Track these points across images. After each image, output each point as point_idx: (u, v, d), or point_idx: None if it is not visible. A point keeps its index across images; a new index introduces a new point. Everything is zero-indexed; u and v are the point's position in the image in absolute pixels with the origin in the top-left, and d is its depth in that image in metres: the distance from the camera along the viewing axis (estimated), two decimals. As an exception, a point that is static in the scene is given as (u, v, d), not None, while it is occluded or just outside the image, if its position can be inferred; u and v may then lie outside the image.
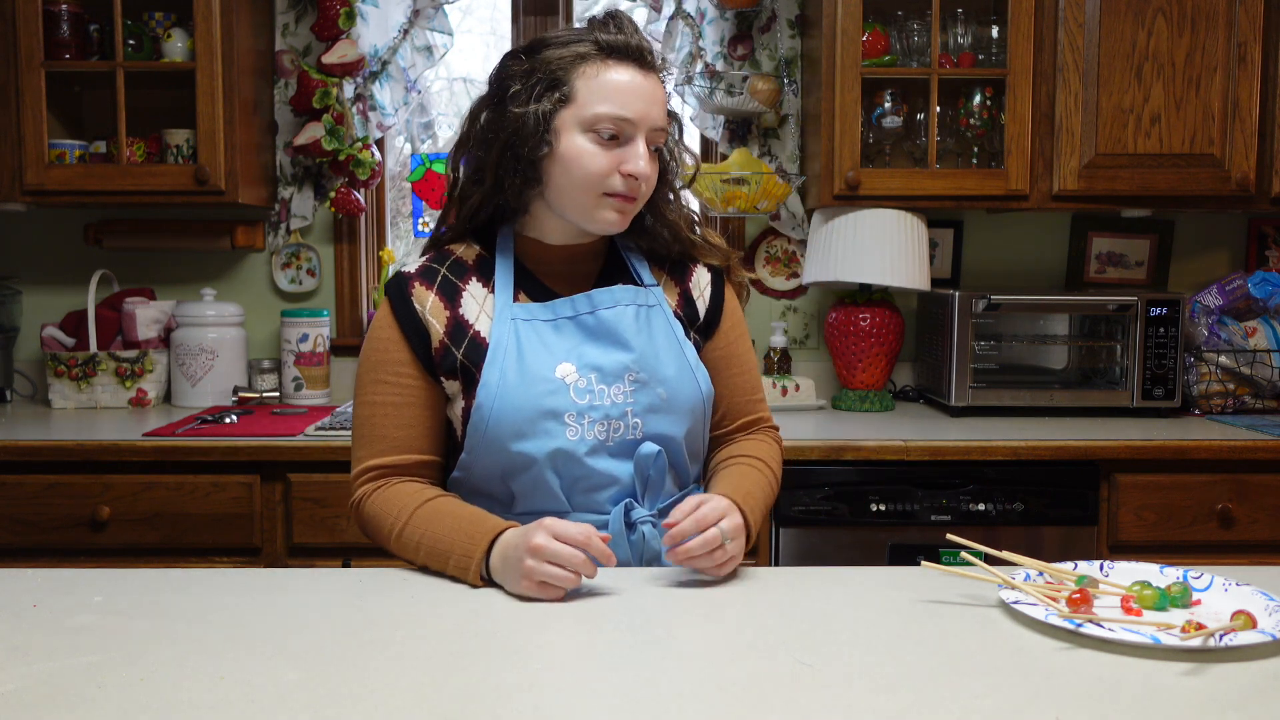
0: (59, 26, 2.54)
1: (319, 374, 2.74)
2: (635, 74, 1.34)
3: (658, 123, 1.35)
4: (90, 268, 2.75)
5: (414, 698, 0.93)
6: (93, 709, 0.90)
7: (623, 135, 1.33)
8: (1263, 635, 1.04)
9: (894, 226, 2.56)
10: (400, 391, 1.37)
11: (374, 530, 1.37)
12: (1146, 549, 2.24)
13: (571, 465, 1.33)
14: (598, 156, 1.33)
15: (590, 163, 1.33)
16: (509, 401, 1.32)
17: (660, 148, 1.40)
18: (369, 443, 1.38)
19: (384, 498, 1.36)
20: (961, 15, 2.66)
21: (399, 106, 2.82)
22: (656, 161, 1.38)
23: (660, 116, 1.36)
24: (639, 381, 1.36)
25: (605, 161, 1.33)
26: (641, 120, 1.33)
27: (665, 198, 1.45)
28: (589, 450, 1.34)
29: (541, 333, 1.37)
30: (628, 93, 1.33)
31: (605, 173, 1.33)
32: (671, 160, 1.44)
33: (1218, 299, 2.71)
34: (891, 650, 1.05)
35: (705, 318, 1.47)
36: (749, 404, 1.51)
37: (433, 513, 1.32)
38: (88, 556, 2.20)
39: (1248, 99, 2.50)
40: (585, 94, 1.32)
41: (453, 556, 1.26)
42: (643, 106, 1.33)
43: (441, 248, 1.45)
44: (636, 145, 1.34)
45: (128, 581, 1.27)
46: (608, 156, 1.33)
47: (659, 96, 1.36)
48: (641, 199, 1.38)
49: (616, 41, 1.34)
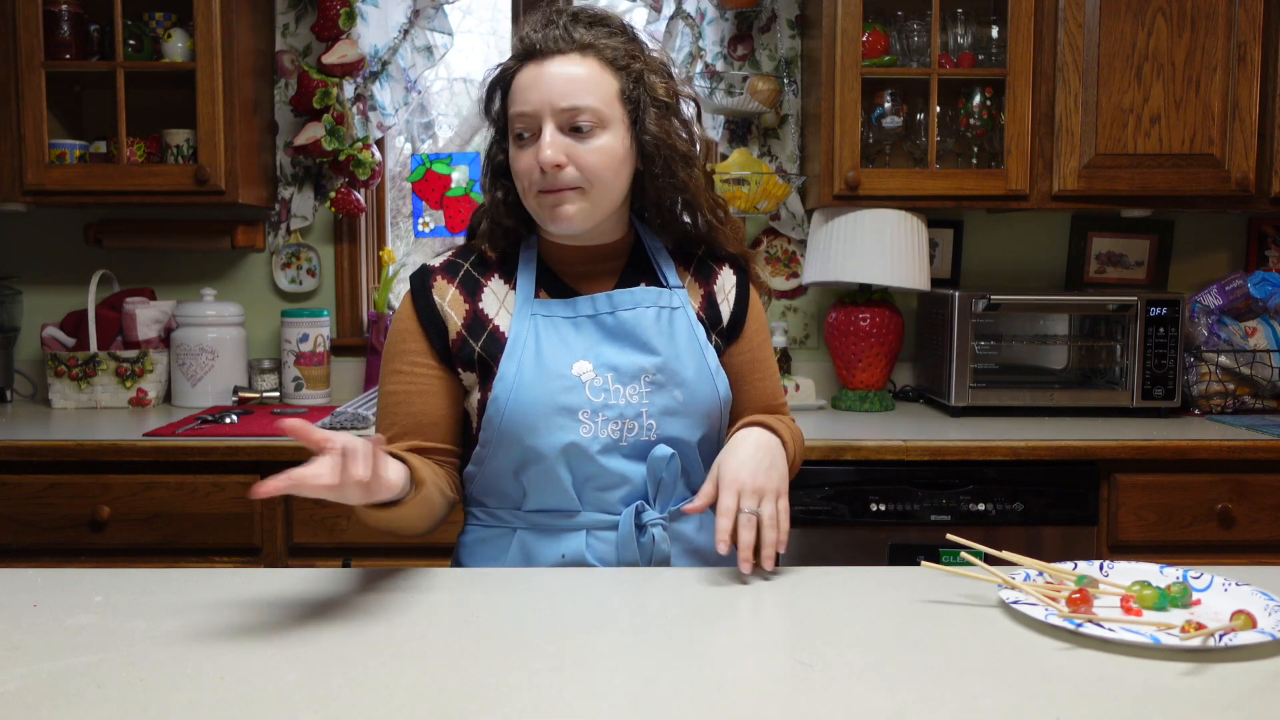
0: (59, 26, 2.54)
1: (319, 374, 2.74)
2: (534, 69, 1.33)
3: (560, 104, 1.30)
4: (90, 268, 2.75)
5: (414, 698, 0.93)
6: (93, 709, 0.90)
7: (532, 130, 1.33)
8: (1263, 635, 1.04)
9: (894, 226, 2.56)
10: (415, 380, 1.38)
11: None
12: (1146, 549, 2.24)
13: (584, 462, 1.34)
14: (518, 158, 1.35)
15: (516, 165, 1.35)
16: (524, 395, 1.33)
17: (646, 132, 1.34)
18: (384, 429, 1.40)
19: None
20: (961, 15, 2.66)
21: (399, 106, 2.82)
22: (600, 138, 1.32)
23: (567, 96, 1.30)
24: (655, 383, 1.36)
25: (525, 161, 1.33)
26: (539, 109, 1.31)
27: (667, 171, 1.37)
28: (602, 449, 1.34)
29: (561, 329, 1.37)
30: (525, 89, 1.33)
31: (528, 172, 1.33)
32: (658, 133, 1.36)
33: (1218, 299, 2.71)
34: (891, 650, 1.05)
35: (729, 321, 1.46)
36: (771, 409, 1.50)
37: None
38: (88, 556, 2.20)
39: (1248, 99, 2.50)
40: (508, 106, 1.36)
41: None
42: (538, 95, 1.31)
43: (469, 244, 1.47)
44: (543, 136, 1.31)
45: (128, 581, 1.26)
46: (527, 155, 1.33)
47: (564, 76, 1.31)
48: (589, 186, 1.32)
49: (520, 48, 1.36)
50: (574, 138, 1.32)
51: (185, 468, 2.23)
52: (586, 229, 1.37)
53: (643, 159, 1.38)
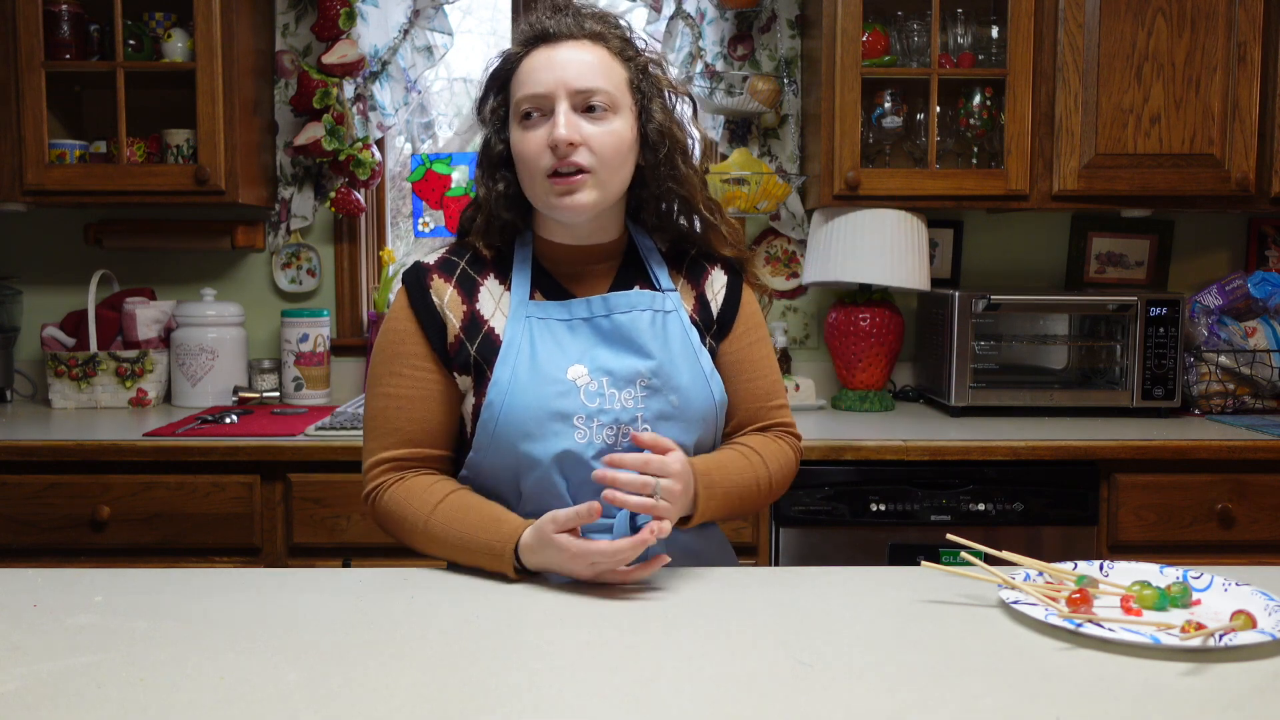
0: (59, 26, 2.54)
1: (319, 374, 2.74)
2: (546, 51, 1.34)
3: (576, 84, 1.32)
4: (90, 268, 2.75)
5: (414, 698, 0.93)
6: (93, 709, 0.90)
7: (544, 111, 1.33)
8: (1263, 635, 1.04)
9: (894, 226, 2.56)
10: (416, 384, 1.37)
11: (395, 524, 1.36)
12: (1146, 549, 2.24)
13: (579, 468, 1.33)
14: (527, 139, 1.34)
15: (523, 148, 1.34)
16: (519, 400, 1.32)
17: (651, 121, 1.37)
18: (382, 435, 1.37)
19: (404, 490, 1.35)
20: (961, 15, 2.66)
21: (399, 106, 2.82)
22: (613, 121, 1.34)
23: (583, 78, 1.32)
24: (651, 388, 1.35)
25: (535, 142, 1.33)
26: (553, 90, 1.32)
27: (669, 162, 1.39)
28: (596, 454, 1.33)
29: (556, 332, 1.36)
30: (538, 70, 1.34)
31: (537, 152, 1.33)
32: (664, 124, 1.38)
33: (1218, 299, 2.71)
34: (891, 650, 1.05)
35: (719, 319, 1.45)
36: (764, 410, 1.47)
37: (456, 508, 1.32)
38: (88, 556, 2.20)
39: (1248, 99, 2.50)
40: (513, 91, 1.37)
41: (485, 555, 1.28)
42: (552, 76, 1.32)
43: (462, 241, 1.45)
44: (557, 114, 1.32)
45: (128, 581, 1.27)
46: (537, 136, 1.33)
47: (579, 59, 1.33)
48: (599, 169, 1.33)
49: (531, 32, 1.37)
50: (586, 118, 1.33)
51: (185, 468, 2.23)
52: (591, 217, 1.37)
53: (644, 150, 1.39)
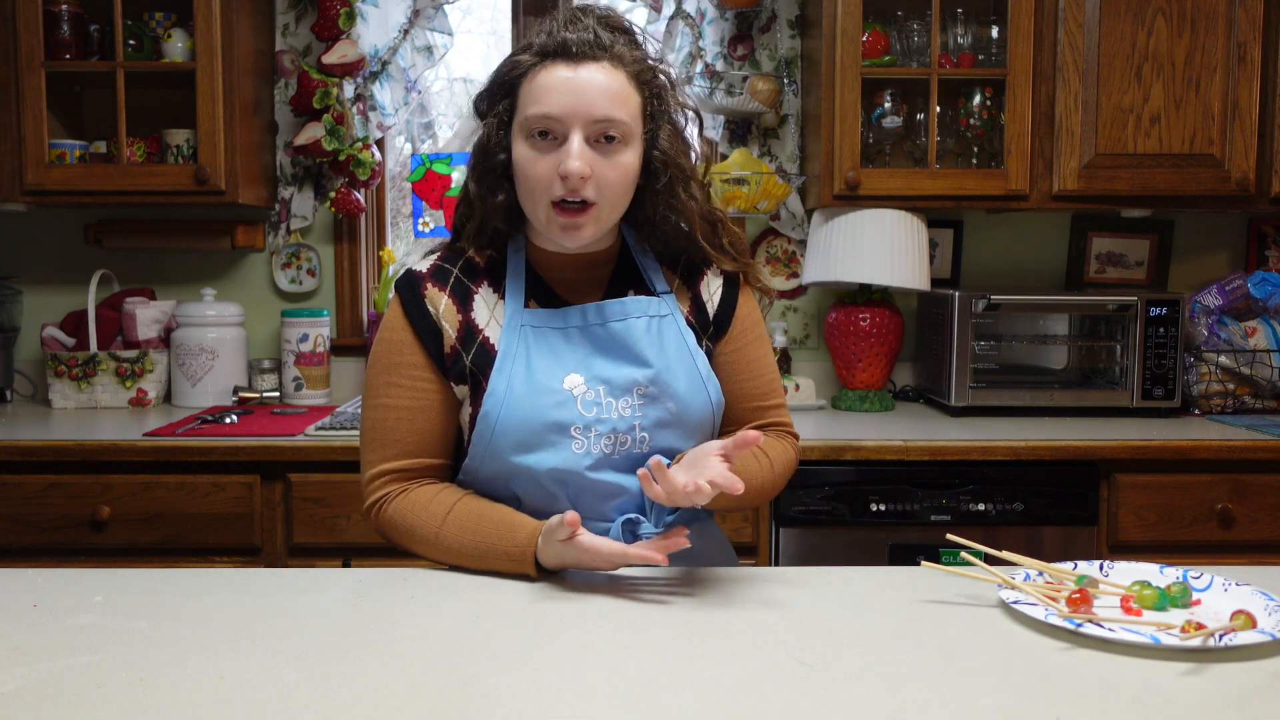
0: (59, 26, 2.54)
1: (319, 374, 2.74)
2: (566, 70, 1.29)
3: (594, 114, 1.28)
4: (90, 268, 2.75)
5: (414, 698, 0.93)
6: (93, 709, 0.90)
7: (557, 135, 1.30)
8: (1263, 635, 1.04)
9: (894, 226, 2.56)
10: (414, 395, 1.36)
11: (402, 536, 1.35)
12: (1146, 549, 2.24)
13: (576, 479, 1.32)
14: (535, 162, 1.30)
15: (529, 169, 1.30)
16: (515, 412, 1.31)
17: (656, 148, 1.35)
18: (382, 446, 1.36)
19: (409, 503, 1.34)
20: (961, 15, 2.66)
21: (399, 106, 2.82)
22: (624, 154, 1.31)
23: (600, 106, 1.28)
24: (648, 396, 1.34)
25: (544, 167, 1.29)
26: (569, 115, 1.28)
27: (669, 190, 1.37)
28: (593, 464, 1.32)
29: (551, 341, 1.35)
30: (556, 90, 1.29)
31: (546, 179, 1.29)
32: (669, 151, 1.36)
33: (1218, 299, 2.71)
34: (891, 650, 1.05)
35: (715, 320, 1.44)
36: (759, 410, 1.46)
37: (466, 516, 1.31)
38: (88, 556, 2.20)
39: (1248, 99, 2.50)
40: (523, 100, 1.32)
41: (505, 560, 1.29)
42: (570, 100, 1.28)
43: (454, 246, 1.43)
44: (570, 143, 1.28)
45: (128, 581, 1.26)
46: (546, 161, 1.29)
47: (598, 85, 1.29)
48: (603, 203, 1.31)
49: (549, 44, 1.31)
50: (599, 150, 1.30)
51: (185, 468, 2.23)
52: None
53: (646, 174, 1.37)
